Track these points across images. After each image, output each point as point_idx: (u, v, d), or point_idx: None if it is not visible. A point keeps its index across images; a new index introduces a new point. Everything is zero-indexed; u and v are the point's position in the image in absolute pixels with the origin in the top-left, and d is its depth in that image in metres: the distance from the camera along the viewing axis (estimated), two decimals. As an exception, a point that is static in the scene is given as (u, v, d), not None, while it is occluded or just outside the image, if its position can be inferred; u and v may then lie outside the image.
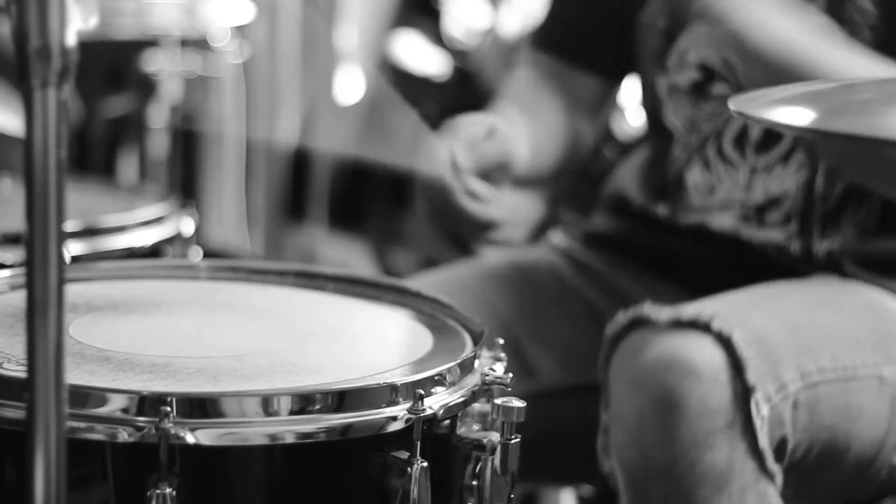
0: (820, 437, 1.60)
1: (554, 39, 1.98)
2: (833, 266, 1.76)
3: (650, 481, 1.53)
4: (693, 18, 1.67)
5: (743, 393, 1.53)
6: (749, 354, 1.54)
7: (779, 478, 1.56)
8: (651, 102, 1.89)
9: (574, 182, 2.82)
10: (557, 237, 2.05)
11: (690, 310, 1.58)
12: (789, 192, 1.77)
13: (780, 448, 1.56)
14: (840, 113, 1.20)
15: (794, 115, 1.21)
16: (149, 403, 1.14)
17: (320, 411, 1.17)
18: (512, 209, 1.72)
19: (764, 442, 1.53)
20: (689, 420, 1.51)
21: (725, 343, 1.54)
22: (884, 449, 1.66)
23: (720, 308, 1.59)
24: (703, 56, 1.80)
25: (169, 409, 1.13)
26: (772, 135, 1.77)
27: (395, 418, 1.19)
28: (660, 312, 1.57)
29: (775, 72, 1.60)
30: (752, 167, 1.78)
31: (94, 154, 3.13)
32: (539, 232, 2.30)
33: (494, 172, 1.73)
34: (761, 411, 1.53)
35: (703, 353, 1.53)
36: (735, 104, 1.24)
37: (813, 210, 1.76)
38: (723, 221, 1.80)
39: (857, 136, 1.13)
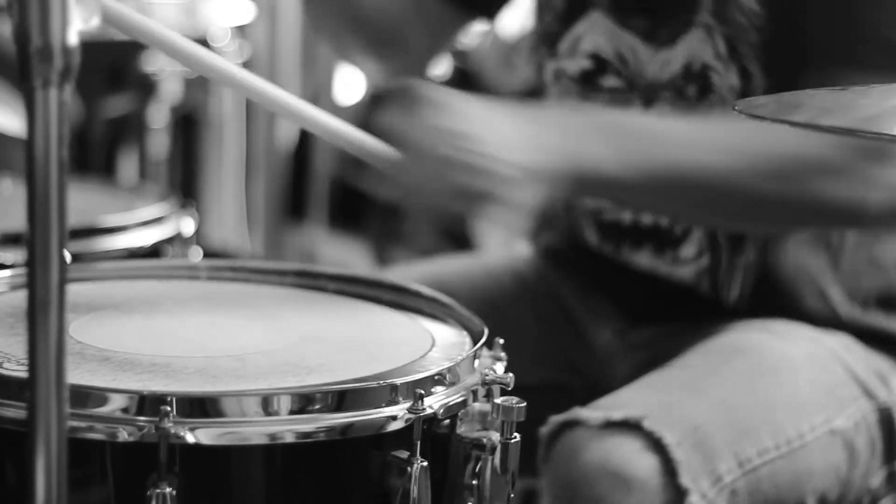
0: None
1: None
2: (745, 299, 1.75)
3: None
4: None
5: (676, 497, 1.51)
6: (682, 456, 1.51)
7: None
8: (536, 86, 1.85)
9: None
10: (519, 247, 2.04)
11: (622, 408, 1.54)
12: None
13: None
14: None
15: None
16: (149, 403, 1.14)
17: (320, 411, 1.17)
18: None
19: None
20: None
21: (657, 444, 1.51)
22: (853, 484, 1.65)
23: (653, 399, 1.56)
24: (597, 46, 1.76)
25: (169, 408, 1.13)
26: None
27: (394, 418, 1.19)
28: (592, 414, 1.54)
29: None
30: None
31: (94, 154, 3.13)
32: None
33: None
34: None
35: (634, 460, 1.50)
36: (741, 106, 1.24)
37: (718, 245, 1.74)
38: (640, 259, 1.79)
39: (855, 129, 1.13)
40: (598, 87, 1.77)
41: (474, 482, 1.26)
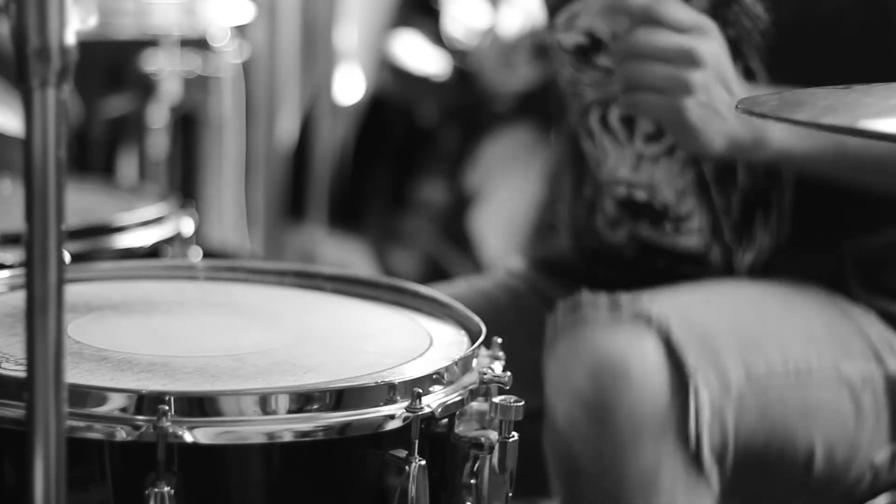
0: (776, 436, 1.58)
1: None
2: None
3: (579, 478, 1.51)
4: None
5: (680, 390, 1.50)
6: (687, 345, 1.51)
7: (714, 478, 1.53)
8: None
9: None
10: (515, 262, 2.04)
11: (630, 303, 1.54)
12: (689, 202, 1.75)
13: (721, 447, 1.54)
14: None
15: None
16: (147, 402, 1.15)
17: (318, 410, 1.18)
18: None
19: (704, 438, 1.51)
20: (618, 419, 1.48)
21: (664, 338, 1.51)
22: (859, 449, 1.64)
23: (662, 303, 1.57)
24: (593, 24, 1.77)
25: (167, 407, 1.13)
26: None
27: (393, 417, 1.19)
28: (598, 302, 1.54)
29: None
30: (638, 153, 1.76)
31: (94, 154, 3.13)
32: None
33: None
34: (701, 400, 1.50)
35: (639, 351, 1.50)
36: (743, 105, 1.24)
37: (720, 222, 1.74)
38: (655, 234, 1.79)
39: (857, 129, 1.13)
40: (592, 64, 1.78)
41: (472, 481, 1.26)
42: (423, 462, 1.20)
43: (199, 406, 1.15)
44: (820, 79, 1.52)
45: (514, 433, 1.26)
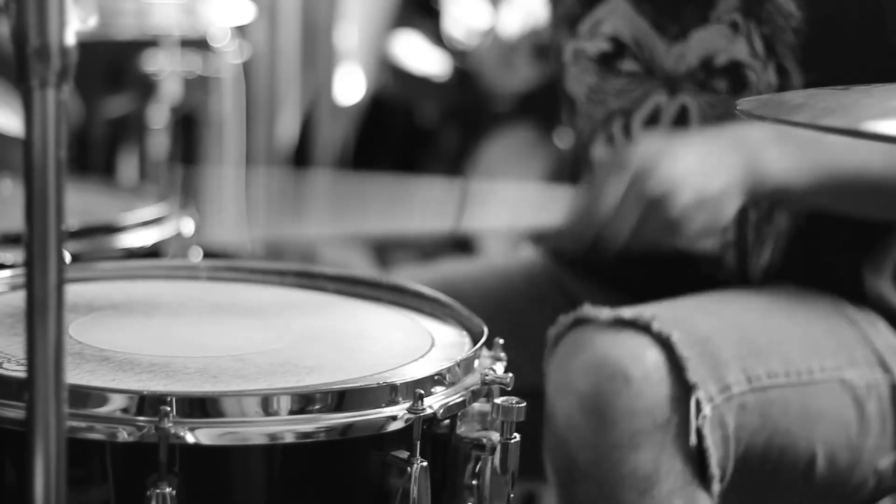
0: (776, 442, 1.58)
1: None
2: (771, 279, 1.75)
3: (576, 481, 1.51)
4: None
5: (682, 393, 1.51)
6: (689, 354, 1.52)
7: (716, 483, 1.53)
8: (556, 67, 1.87)
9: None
10: (528, 251, 2.03)
11: (631, 310, 1.55)
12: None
13: (723, 457, 1.54)
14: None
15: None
16: (148, 403, 1.14)
17: (320, 411, 1.17)
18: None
19: (707, 443, 1.51)
20: (616, 421, 1.49)
21: (664, 343, 1.52)
22: (862, 454, 1.64)
23: (663, 310, 1.57)
24: (617, 29, 1.77)
25: (169, 408, 1.13)
26: (686, 122, 1.74)
27: (394, 418, 1.19)
28: (600, 312, 1.55)
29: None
30: None
31: (94, 154, 3.13)
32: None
33: None
34: (703, 411, 1.51)
35: (637, 354, 1.51)
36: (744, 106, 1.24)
37: (746, 217, 1.74)
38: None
39: (856, 130, 1.13)
40: (616, 70, 1.79)
41: (474, 482, 1.26)
42: (425, 463, 1.20)
43: (201, 407, 1.15)
44: (853, 77, 1.51)
45: (515, 434, 1.26)
